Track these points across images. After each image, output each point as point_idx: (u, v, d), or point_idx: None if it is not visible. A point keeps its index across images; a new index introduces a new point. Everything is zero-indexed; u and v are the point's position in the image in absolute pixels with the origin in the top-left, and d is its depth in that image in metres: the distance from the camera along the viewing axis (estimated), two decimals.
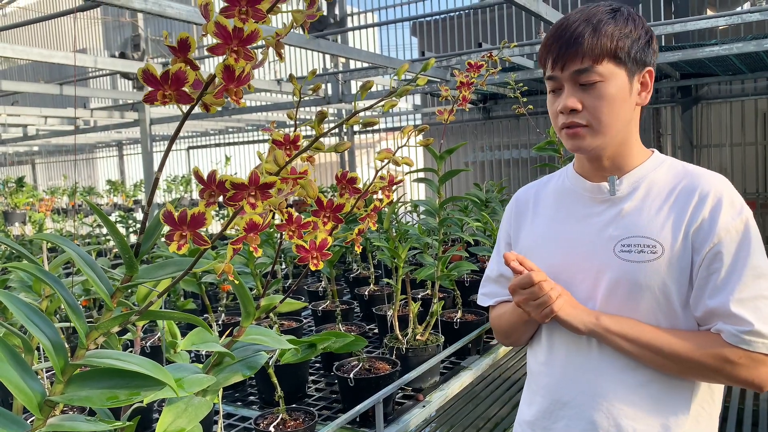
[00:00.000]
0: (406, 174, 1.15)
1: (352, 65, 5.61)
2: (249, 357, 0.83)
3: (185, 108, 0.57)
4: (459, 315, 2.32)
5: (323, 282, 2.99)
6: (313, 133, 0.62)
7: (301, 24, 0.59)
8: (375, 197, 0.75)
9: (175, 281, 0.63)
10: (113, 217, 5.15)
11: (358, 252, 3.30)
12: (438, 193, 2.10)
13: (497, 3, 4.79)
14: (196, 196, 7.55)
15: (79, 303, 1.13)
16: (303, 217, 0.66)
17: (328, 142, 0.65)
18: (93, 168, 11.78)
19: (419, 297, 2.44)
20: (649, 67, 1.11)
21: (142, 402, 0.67)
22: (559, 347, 1.18)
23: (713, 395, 1.12)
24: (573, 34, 1.08)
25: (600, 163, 1.16)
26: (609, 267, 1.10)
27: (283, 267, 3.35)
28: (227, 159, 7.74)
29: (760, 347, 1.00)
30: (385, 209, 2.10)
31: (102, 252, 4.76)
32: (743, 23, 4.00)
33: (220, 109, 5.82)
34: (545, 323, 1.18)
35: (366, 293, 2.71)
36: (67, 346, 0.66)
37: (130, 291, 1.75)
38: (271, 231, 2.55)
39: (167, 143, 0.74)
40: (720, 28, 5.50)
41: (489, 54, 1.98)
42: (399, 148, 0.76)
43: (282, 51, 0.60)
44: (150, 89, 0.54)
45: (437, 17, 7.23)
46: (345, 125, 0.63)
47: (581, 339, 1.14)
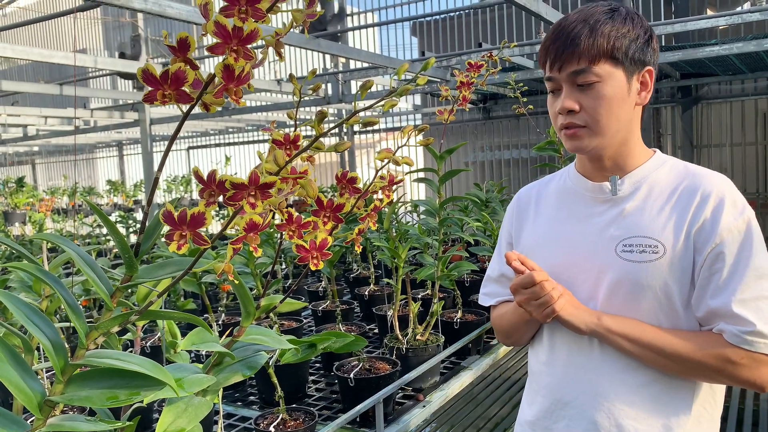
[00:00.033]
0: (406, 174, 1.15)
1: (352, 65, 5.61)
2: (249, 357, 0.83)
3: (185, 108, 0.56)
4: (459, 315, 2.32)
5: (323, 282, 2.99)
6: (313, 133, 0.62)
7: (301, 23, 0.59)
8: (375, 197, 0.75)
9: (175, 281, 0.63)
10: (113, 218, 5.15)
11: (358, 252, 3.30)
12: (438, 193, 2.10)
13: (497, 3, 4.79)
14: (196, 196, 7.55)
15: (79, 303, 1.13)
16: (303, 217, 0.66)
17: (328, 141, 0.64)
18: (93, 168, 11.78)
19: (419, 297, 2.44)
20: (649, 67, 1.11)
21: (142, 402, 0.67)
22: (561, 347, 1.18)
23: (715, 396, 1.12)
24: (570, 35, 1.08)
25: (601, 163, 1.16)
26: (610, 267, 1.10)
27: (283, 267, 3.34)
28: (227, 159, 7.74)
29: (761, 348, 1.00)
30: (385, 209, 2.10)
31: (102, 252, 4.76)
32: (743, 23, 4.00)
33: (220, 109, 5.82)
34: (547, 323, 1.18)
35: (366, 293, 2.71)
36: (67, 346, 0.66)
37: (130, 291, 1.75)
38: (271, 231, 2.55)
39: (167, 143, 0.74)
40: (720, 27, 5.50)
41: (489, 54, 1.97)
42: (399, 147, 0.76)
43: (282, 50, 0.60)
44: (150, 89, 0.54)
45: (437, 17, 7.23)
46: (345, 125, 0.63)
47: (583, 339, 1.13)
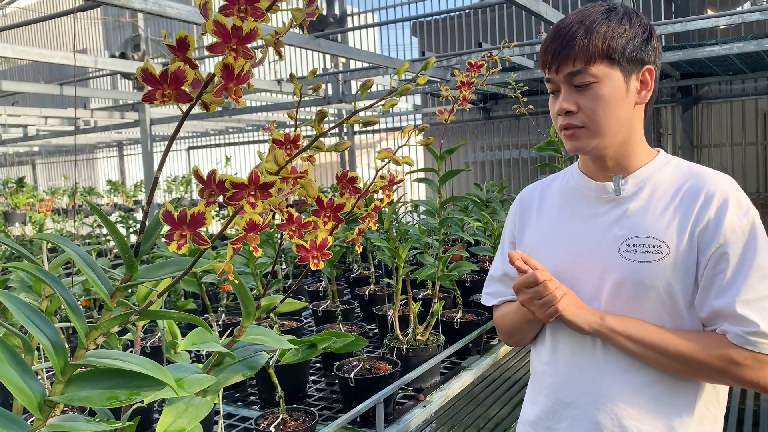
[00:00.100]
0: (406, 174, 1.15)
1: (352, 65, 5.61)
2: (249, 357, 0.83)
3: (185, 107, 0.56)
4: (459, 315, 2.32)
5: (324, 282, 2.99)
6: (314, 133, 0.62)
7: (301, 23, 0.59)
8: (375, 197, 0.75)
9: (175, 281, 0.63)
10: (113, 218, 5.14)
11: (358, 252, 3.30)
12: (438, 193, 2.10)
13: (497, 3, 4.79)
14: (196, 196, 7.55)
15: (79, 303, 1.13)
16: (303, 217, 0.66)
17: (328, 141, 0.64)
18: (93, 168, 11.79)
19: (420, 297, 2.44)
20: (649, 66, 1.10)
21: (142, 402, 0.67)
22: (564, 347, 1.17)
23: (718, 396, 1.12)
24: (566, 36, 1.08)
25: (604, 163, 1.15)
26: (614, 267, 1.10)
27: (284, 267, 3.34)
28: (227, 159, 7.74)
29: (765, 348, 0.99)
30: (386, 209, 2.10)
31: (102, 252, 4.76)
32: (743, 23, 4.00)
33: (220, 109, 5.82)
34: (549, 323, 1.17)
35: (366, 293, 2.71)
36: (67, 346, 0.65)
37: (130, 291, 1.75)
38: (272, 231, 2.55)
39: (167, 143, 0.74)
40: (720, 27, 5.50)
41: (489, 54, 1.97)
42: (399, 147, 0.76)
43: (282, 50, 0.59)
44: (149, 88, 0.54)
45: (437, 17, 7.23)
46: (345, 125, 0.62)
47: (585, 339, 1.13)
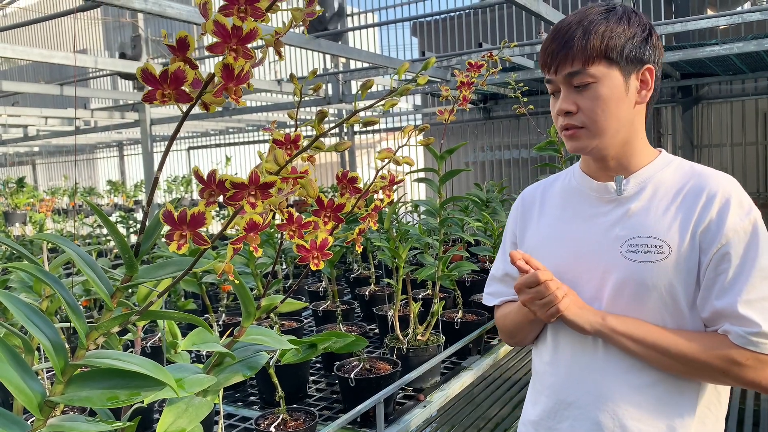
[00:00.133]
0: (406, 174, 1.15)
1: (352, 65, 5.61)
2: (250, 357, 0.83)
3: (185, 107, 0.56)
4: (460, 315, 2.32)
5: (324, 282, 2.99)
6: (314, 133, 0.62)
7: (301, 23, 0.58)
8: (375, 197, 0.75)
9: (176, 281, 0.63)
10: (113, 218, 5.14)
11: (358, 252, 3.30)
12: (438, 193, 2.10)
13: (497, 3, 4.79)
14: (196, 196, 7.54)
15: (80, 303, 1.13)
16: (303, 217, 0.66)
17: (328, 141, 0.64)
18: (93, 168, 11.79)
19: (420, 297, 2.44)
20: (649, 65, 1.10)
21: (142, 402, 0.67)
22: (565, 347, 1.17)
23: (719, 397, 1.11)
24: (565, 36, 1.08)
25: (605, 163, 1.15)
26: (615, 267, 1.10)
27: (284, 267, 3.34)
28: (228, 159, 7.74)
29: (767, 349, 0.99)
30: (386, 209, 2.10)
31: (102, 252, 4.76)
32: (744, 23, 4.00)
33: (220, 109, 5.82)
34: (551, 323, 1.17)
35: (367, 293, 2.71)
36: (68, 346, 0.65)
37: (130, 291, 1.75)
38: (272, 231, 2.55)
39: (167, 143, 0.74)
40: (720, 27, 5.50)
41: (489, 54, 1.97)
42: (399, 147, 0.76)
43: (281, 50, 0.59)
44: (149, 88, 0.54)
45: (437, 17, 7.23)
46: (345, 125, 0.62)
47: (587, 339, 1.13)
